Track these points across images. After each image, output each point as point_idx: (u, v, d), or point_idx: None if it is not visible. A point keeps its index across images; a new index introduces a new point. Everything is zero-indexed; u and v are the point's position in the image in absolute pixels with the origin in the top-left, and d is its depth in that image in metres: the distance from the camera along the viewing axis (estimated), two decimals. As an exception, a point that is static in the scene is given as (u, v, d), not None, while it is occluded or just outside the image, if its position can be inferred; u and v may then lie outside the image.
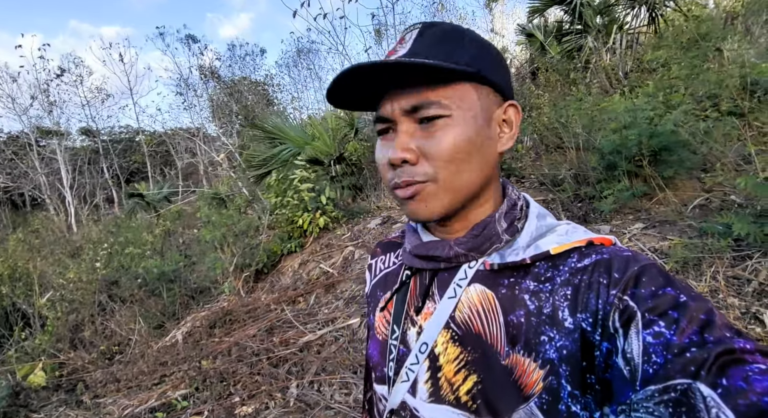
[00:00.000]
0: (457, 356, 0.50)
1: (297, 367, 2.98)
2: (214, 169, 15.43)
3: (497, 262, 0.51)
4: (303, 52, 17.62)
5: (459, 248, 0.53)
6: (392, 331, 0.59)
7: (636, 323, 0.38)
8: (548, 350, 0.44)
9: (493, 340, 0.48)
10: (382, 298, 0.64)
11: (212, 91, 18.58)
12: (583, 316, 0.43)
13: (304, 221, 4.89)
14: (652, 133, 2.97)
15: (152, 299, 4.80)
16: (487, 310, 0.50)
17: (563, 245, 0.48)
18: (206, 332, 3.64)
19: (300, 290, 4.06)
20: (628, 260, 0.43)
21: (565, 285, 0.46)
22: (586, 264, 0.46)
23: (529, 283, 0.49)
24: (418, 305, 0.56)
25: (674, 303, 0.38)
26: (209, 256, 4.70)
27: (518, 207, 0.55)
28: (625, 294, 0.40)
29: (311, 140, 6.00)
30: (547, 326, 0.45)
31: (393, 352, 0.58)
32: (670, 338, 0.36)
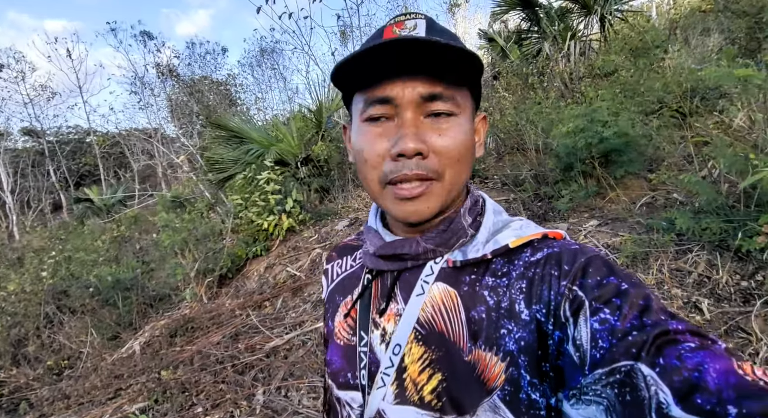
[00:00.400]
0: (421, 355, 0.50)
1: (263, 373, 2.91)
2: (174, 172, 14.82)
3: (460, 259, 0.52)
4: (267, 51, 17.30)
5: (427, 244, 0.53)
6: (360, 338, 0.57)
7: (584, 311, 0.40)
8: (508, 343, 0.45)
9: (456, 337, 0.49)
10: (343, 303, 0.62)
11: (170, 91, 17.84)
12: (537, 307, 0.45)
13: (270, 224, 4.79)
14: (602, 137, 3.15)
15: (106, 308, 4.54)
16: (450, 308, 0.50)
17: (521, 238, 0.50)
18: (166, 341, 3.49)
19: (266, 294, 3.97)
20: (576, 252, 0.46)
21: (520, 279, 0.48)
22: (539, 258, 0.48)
23: (488, 279, 0.50)
24: (380, 308, 0.56)
25: (617, 291, 0.40)
26: (169, 262, 4.50)
27: (479, 204, 0.57)
28: (574, 284, 0.43)
29: (276, 141, 5.89)
30: (506, 320, 0.46)
31: (364, 359, 0.56)
32: (614, 323, 0.38)
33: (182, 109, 16.97)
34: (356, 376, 0.56)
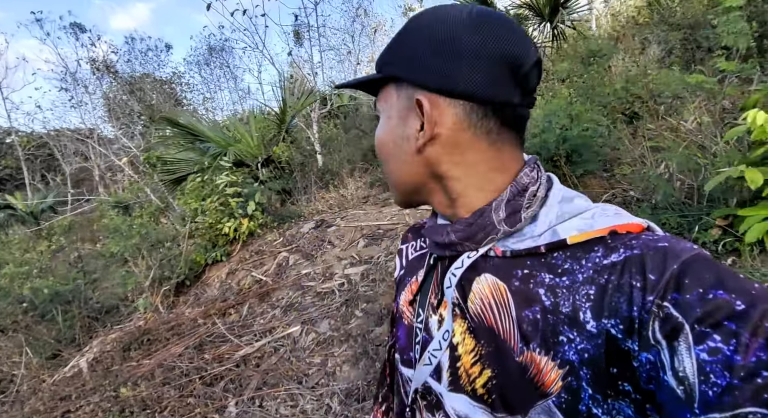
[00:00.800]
0: (473, 348, 0.49)
1: (234, 383, 2.75)
2: (114, 175, 13.73)
3: (511, 248, 0.47)
4: (216, 49, 16.57)
5: (453, 236, 0.50)
6: (417, 315, 0.58)
7: (685, 337, 0.33)
8: (567, 351, 0.41)
9: (506, 335, 0.46)
10: (409, 284, 0.63)
11: (108, 88, 16.55)
12: (611, 322, 0.38)
13: (230, 228, 4.56)
14: (565, 137, 3.33)
15: (43, 324, 4.08)
16: (499, 303, 0.47)
17: (583, 234, 0.43)
18: (120, 356, 3.19)
19: (230, 301, 3.77)
20: (665, 255, 0.37)
21: (587, 283, 0.41)
22: (614, 261, 0.40)
23: (545, 275, 0.44)
24: (438, 295, 0.55)
25: (730, 311, 0.32)
26: (118, 271, 4.13)
27: (529, 193, 0.48)
28: (665, 301, 0.35)
29: (234, 141, 5.64)
30: (566, 327, 0.41)
31: (418, 335, 0.57)
32: (731, 356, 0.31)
33: (121, 108, 15.79)
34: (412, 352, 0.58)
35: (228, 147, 5.30)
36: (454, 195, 0.51)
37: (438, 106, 0.47)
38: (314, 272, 3.79)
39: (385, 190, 5.32)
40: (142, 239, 4.13)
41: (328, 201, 5.50)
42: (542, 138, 3.54)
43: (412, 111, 0.48)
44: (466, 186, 0.50)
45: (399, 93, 0.50)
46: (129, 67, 16.86)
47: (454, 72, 0.45)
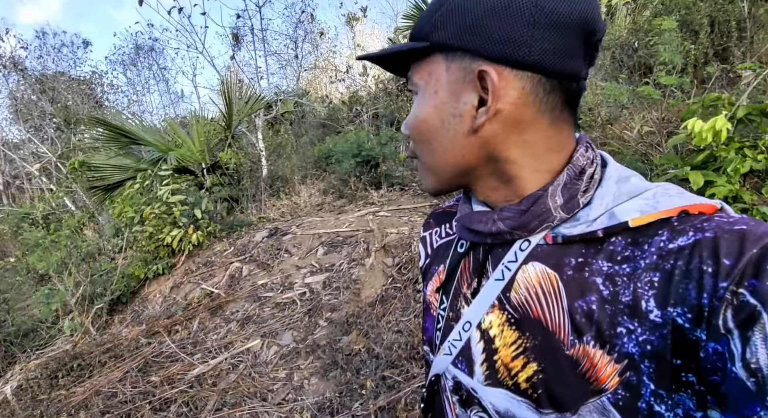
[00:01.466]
0: (514, 340, 0.46)
1: (188, 406, 2.51)
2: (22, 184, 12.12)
3: (562, 234, 0.44)
4: (144, 49, 15.41)
5: (502, 224, 0.46)
6: (441, 302, 0.56)
7: (761, 326, 0.31)
8: (626, 344, 0.38)
9: (555, 327, 0.42)
10: (437, 272, 0.60)
11: (14, 87, 14.67)
12: (678, 310, 0.35)
13: (174, 239, 4.21)
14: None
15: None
16: (548, 293, 0.44)
17: (647, 216, 0.40)
18: (47, 384, 2.77)
19: (177, 316, 3.45)
20: (743, 237, 0.34)
21: (651, 270, 0.38)
22: (681, 245, 0.37)
23: (602, 263, 0.41)
24: (473, 285, 0.51)
25: None
26: (40, 289, 3.61)
27: (586, 175, 0.44)
28: (740, 287, 0.32)
29: (175, 146, 5.25)
30: (626, 317, 0.38)
31: (440, 322, 0.55)
32: None
33: (30, 109, 14.06)
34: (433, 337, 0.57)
35: (169, 151, 4.92)
36: (506, 178, 0.46)
37: (504, 78, 0.41)
38: (272, 282, 3.61)
39: (340, 197, 5.25)
40: (69, 253, 3.66)
41: (279, 209, 5.30)
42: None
43: (468, 84, 0.42)
44: (522, 167, 0.45)
45: (450, 64, 0.43)
46: (40, 64, 15.12)
47: (524, 39, 0.39)
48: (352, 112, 8.80)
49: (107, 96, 15.97)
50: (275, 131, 8.30)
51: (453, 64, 0.43)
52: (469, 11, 0.41)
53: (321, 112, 9.48)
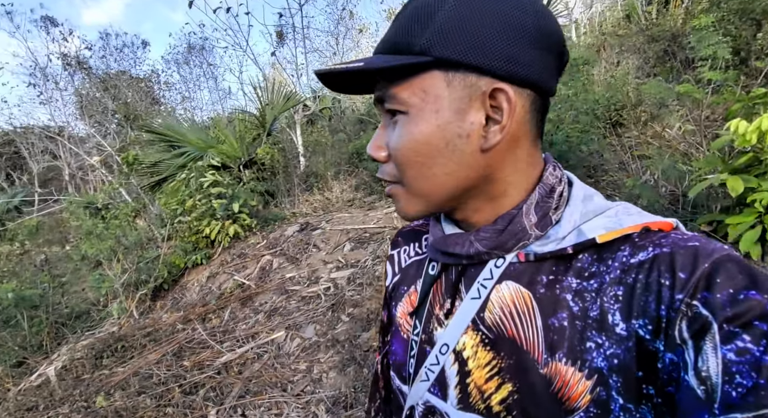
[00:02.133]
0: (488, 361, 0.45)
1: (215, 392, 2.64)
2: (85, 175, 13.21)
3: (534, 252, 0.44)
4: (195, 48, 16.23)
5: (480, 245, 0.46)
6: (414, 327, 0.54)
7: (712, 335, 0.32)
8: (596, 358, 0.39)
9: (530, 346, 0.43)
10: (407, 294, 0.58)
11: (80, 85, 15.96)
12: (639, 322, 0.37)
13: (212, 230, 4.43)
14: (551, 142, 3.38)
15: (7, 330, 3.84)
16: (522, 312, 0.44)
17: (611, 232, 0.41)
18: (91, 364, 3.03)
19: (211, 305, 3.64)
20: (696, 254, 0.36)
21: (615, 284, 0.39)
22: (642, 260, 0.39)
23: (572, 280, 0.42)
24: (446, 306, 0.51)
25: (762, 311, 0.31)
26: (90, 274, 3.94)
27: (556, 193, 0.46)
28: (694, 299, 0.34)
29: (215, 143, 5.50)
30: (594, 331, 0.39)
31: (414, 348, 0.53)
32: (759, 356, 0.30)
33: (95, 105, 15.26)
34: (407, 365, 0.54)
35: (208, 149, 5.16)
36: (494, 197, 0.46)
37: (512, 97, 0.41)
38: (299, 275, 3.71)
39: (371, 194, 5.28)
40: (118, 241, 3.96)
41: (312, 204, 5.42)
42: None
43: (474, 102, 0.41)
44: (510, 184, 0.45)
45: (451, 81, 0.41)
46: (103, 64, 16.32)
47: (527, 58, 0.41)
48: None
49: (163, 93, 17.02)
50: (314, 128, 8.46)
51: (455, 81, 0.41)
52: (475, 28, 0.40)
53: (360, 108, 9.56)
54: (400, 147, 0.44)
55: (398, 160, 0.44)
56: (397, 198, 0.47)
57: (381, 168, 0.47)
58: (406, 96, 0.42)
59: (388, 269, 0.65)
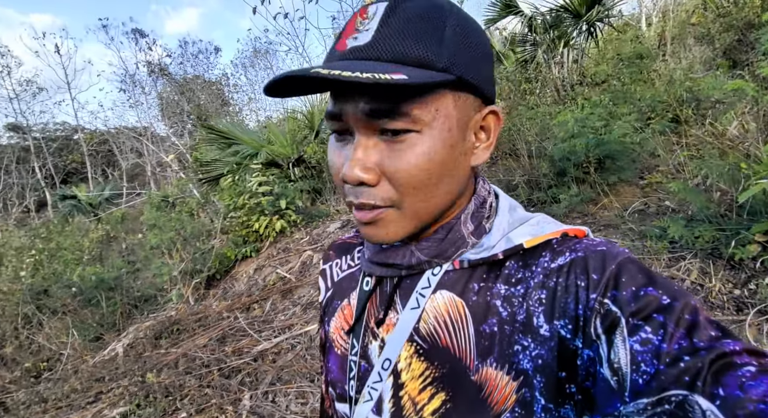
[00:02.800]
0: (422, 372, 0.46)
1: (251, 377, 2.84)
2: (163, 171, 14.61)
3: (468, 259, 0.46)
4: (260, 52, 17.23)
5: (421, 255, 0.47)
6: (352, 345, 0.53)
7: (621, 329, 0.35)
8: (522, 360, 0.41)
9: (462, 353, 0.44)
10: (339, 307, 0.58)
11: (162, 89, 17.67)
12: (561, 322, 0.39)
13: (261, 225, 4.72)
14: (598, 142, 3.16)
15: (89, 308, 4.41)
16: (456, 320, 0.45)
17: (536, 238, 0.44)
18: (151, 343, 3.40)
19: (255, 296, 3.90)
20: (604, 256, 0.40)
21: (539, 288, 0.42)
22: (561, 264, 0.42)
23: (501, 287, 0.44)
24: (379, 317, 0.51)
25: (658, 305, 0.35)
26: (155, 262, 4.40)
27: (488, 204, 0.49)
28: (605, 297, 0.37)
29: (268, 143, 5.83)
30: (521, 334, 0.41)
31: (353, 369, 0.52)
32: (658, 345, 0.33)
33: (173, 107, 16.80)
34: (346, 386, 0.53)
35: (260, 148, 5.49)
36: (449, 208, 0.46)
37: (499, 118, 0.47)
38: (335, 272, 3.84)
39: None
40: (177, 233, 4.38)
41: (355, 202, 5.55)
42: (571, 143, 3.38)
43: (471, 121, 0.43)
44: (462, 196, 0.48)
45: (457, 100, 0.41)
46: (181, 69, 17.93)
47: (491, 77, 0.46)
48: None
49: (232, 95, 18.32)
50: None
51: (460, 101, 0.42)
52: (473, 50, 0.42)
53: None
54: (410, 168, 0.40)
55: (404, 182, 0.41)
56: (383, 223, 0.43)
57: (367, 193, 0.41)
58: (421, 114, 0.40)
59: (321, 284, 0.65)
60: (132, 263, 5.46)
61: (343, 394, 0.54)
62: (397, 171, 0.40)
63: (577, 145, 3.35)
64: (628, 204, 3.17)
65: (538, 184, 3.83)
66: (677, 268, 2.37)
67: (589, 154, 3.31)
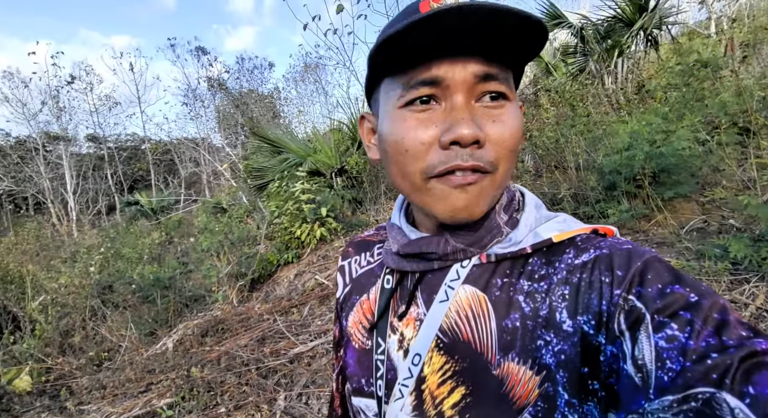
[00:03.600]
0: (441, 365, 0.46)
1: (286, 379, 2.92)
2: (217, 179, 15.51)
3: (495, 253, 0.46)
4: (310, 66, 17.95)
5: (457, 242, 0.47)
6: (377, 345, 0.53)
7: (645, 325, 0.35)
8: (545, 355, 0.41)
9: (484, 348, 0.44)
10: (358, 302, 0.58)
11: (219, 103, 18.88)
12: (584, 318, 0.39)
13: (302, 232, 4.88)
14: (654, 155, 2.98)
15: (145, 305, 4.75)
16: (478, 314, 0.45)
17: (565, 233, 0.45)
18: (197, 341, 3.59)
19: (294, 300, 4.02)
20: (630, 254, 0.40)
21: (562, 284, 0.42)
22: (585, 261, 0.42)
23: (524, 283, 0.44)
24: (400, 311, 0.51)
25: (685, 302, 0.35)
26: (205, 264, 4.68)
27: (515, 200, 0.51)
28: (630, 294, 0.37)
29: (313, 152, 6.04)
30: (544, 330, 0.41)
31: (381, 368, 0.51)
32: (685, 342, 0.33)
33: (228, 120, 17.88)
34: (370, 383, 0.53)
35: (306, 157, 5.70)
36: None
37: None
38: (372, 280, 3.88)
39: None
40: (226, 237, 4.63)
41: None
42: (624, 155, 3.22)
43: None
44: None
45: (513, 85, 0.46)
46: (237, 84, 19.10)
47: None
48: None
49: (282, 108, 19.22)
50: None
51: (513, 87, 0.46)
52: None
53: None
54: (510, 133, 0.42)
55: (503, 145, 0.42)
56: (479, 190, 0.43)
57: (477, 154, 0.41)
58: (510, 84, 0.44)
59: (339, 280, 0.65)
60: (185, 264, 5.82)
61: (361, 388, 0.54)
62: (499, 135, 0.42)
63: (630, 158, 3.18)
64: (685, 221, 2.94)
65: (585, 199, 3.67)
66: (740, 291, 2.16)
67: (643, 167, 3.13)
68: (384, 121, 0.46)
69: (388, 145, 0.46)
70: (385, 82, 0.46)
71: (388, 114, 0.45)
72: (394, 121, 0.44)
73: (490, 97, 0.42)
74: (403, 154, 0.44)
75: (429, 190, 0.44)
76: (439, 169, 0.42)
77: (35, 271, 5.73)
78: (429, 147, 0.42)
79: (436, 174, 0.42)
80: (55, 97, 17.32)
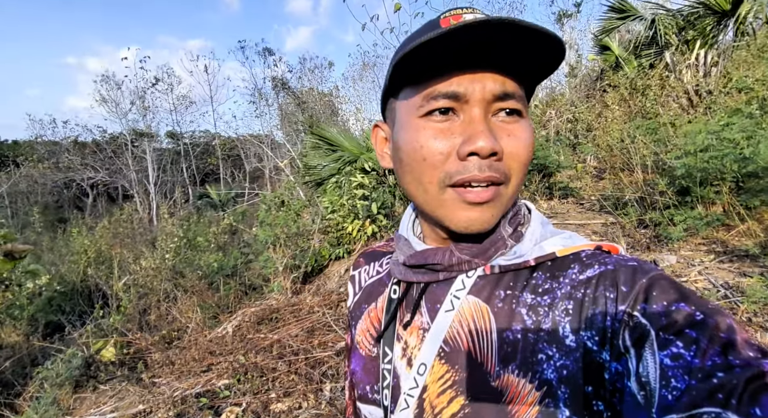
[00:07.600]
0: (442, 374, 0.46)
1: (332, 370, 3.03)
2: (278, 174, 16.31)
3: (499, 264, 0.47)
4: (368, 65, 18.19)
5: (462, 254, 0.48)
6: (384, 354, 0.53)
7: (650, 342, 0.35)
8: (546, 370, 0.40)
9: (484, 358, 0.44)
10: (366, 311, 0.60)
11: (282, 101, 19.78)
12: (587, 333, 0.39)
13: (354, 228, 5.00)
14: (738, 157, 2.68)
15: (210, 291, 5.15)
16: (480, 325, 0.46)
17: (569, 248, 0.45)
18: (253, 328, 3.83)
19: (343, 295, 4.14)
20: (635, 270, 0.40)
21: (566, 299, 0.42)
22: (590, 276, 0.42)
23: (527, 296, 0.45)
24: (405, 320, 0.52)
25: (691, 320, 0.34)
26: (264, 255, 4.97)
27: (522, 212, 0.52)
28: (635, 310, 0.37)
29: (367, 151, 6.14)
30: (546, 344, 0.41)
31: (387, 378, 0.52)
32: (690, 360, 0.32)
33: (290, 118, 18.68)
34: (375, 390, 0.54)
35: (360, 155, 5.81)
36: None
37: None
38: (420, 280, 3.89)
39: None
40: (282, 230, 4.87)
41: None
42: (700, 157, 2.92)
43: None
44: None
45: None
46: (299, 83, 19.88)
47: None
48: (545, 115, 8.20)
49: (341, 106, 19.70)
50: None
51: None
52: None
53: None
54: (524, 148, 0.44)
55: (517, 159, 0.44)
56: (491, 205, 0.44)
57: (495, 166, 0.43)
58: (524, 101, 0.46)
59: (350, 289, 0.67)
60: (246, 254, 6.21)
61: (365, 394, 0.55)
62: (514, 148, 0.44)
63: (718, 158, 2.87)
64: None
65: (652, 204, 3.38)
66: (838, 317, 1.89)
67: (724, 171, 2.83)
68: (401, 129, 0.48)
69: (405, 153, 0.47)
70: (403, 92, 0.48)
71: (406, 123, 0.47)
72: (412, 130, 0.45)
73: (505, 113, 0.44)
74: (420, 163, 0.45)
75: (444, 200, 0.45)
76: (455, 179, 0.43)
77: (122, 253, 6.45)
78: (447, 157, 0.43)
79: (452, 183, 0.44)
80: (142, 97, 19.23)
